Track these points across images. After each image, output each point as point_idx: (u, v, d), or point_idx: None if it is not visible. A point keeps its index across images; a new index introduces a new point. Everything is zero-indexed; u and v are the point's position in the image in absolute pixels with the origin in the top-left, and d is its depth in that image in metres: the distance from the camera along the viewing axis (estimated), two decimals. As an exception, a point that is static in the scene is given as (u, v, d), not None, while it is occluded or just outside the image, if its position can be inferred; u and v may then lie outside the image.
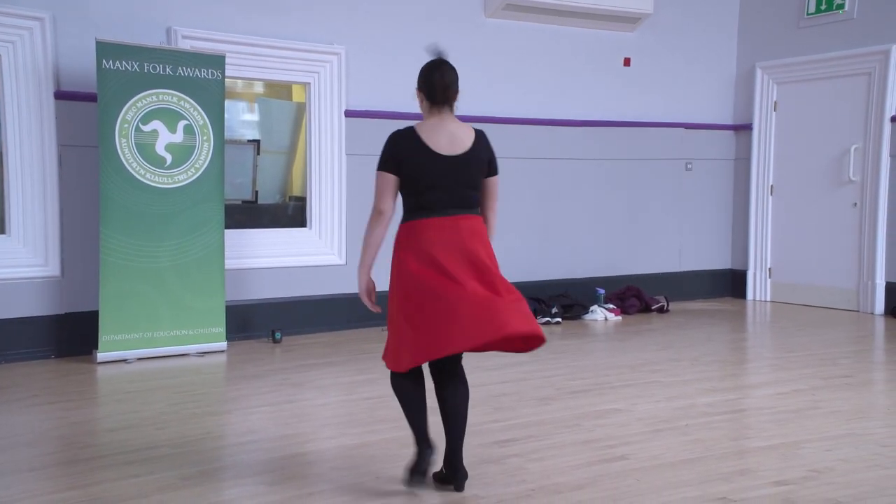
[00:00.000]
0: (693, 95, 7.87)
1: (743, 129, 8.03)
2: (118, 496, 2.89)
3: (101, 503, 2.83)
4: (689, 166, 7.92)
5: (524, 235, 7.14)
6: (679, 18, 7.70)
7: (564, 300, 6.94)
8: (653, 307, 7.24)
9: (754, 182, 7.91)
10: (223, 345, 5.42)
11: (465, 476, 2.96)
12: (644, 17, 7.33)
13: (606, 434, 3.64)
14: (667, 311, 7.26)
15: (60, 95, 5.17)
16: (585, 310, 6.94)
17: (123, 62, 5.00)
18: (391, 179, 2.98)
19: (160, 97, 5.15)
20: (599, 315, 6.88)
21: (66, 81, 5.21)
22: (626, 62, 7.50)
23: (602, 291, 7.13)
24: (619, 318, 6.94)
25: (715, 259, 8.14)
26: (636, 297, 7.26)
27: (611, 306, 7.02)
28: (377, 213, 2.98)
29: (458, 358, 2.98)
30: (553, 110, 7.16)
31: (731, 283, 8.16)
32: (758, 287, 7.94)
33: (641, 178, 7.65)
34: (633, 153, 7.57)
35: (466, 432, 3.01)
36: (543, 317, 6.70)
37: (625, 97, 7.49)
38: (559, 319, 6.71)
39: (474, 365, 5.12)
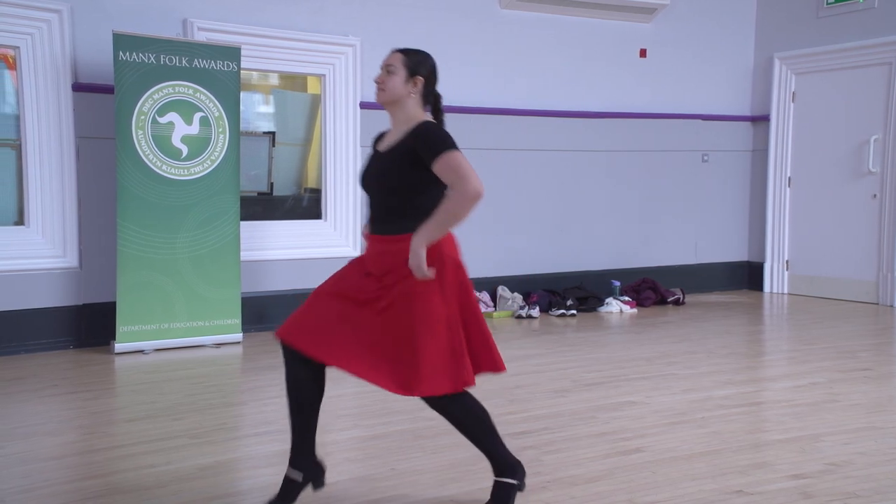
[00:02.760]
0: (710, 86, 7.80)
1: (760, 120, 7.95)
2: (136, 486, 2.91)
3: (120, 493, 2.85)
4: (705, 158, 7.86)
5: (538, 228, 7.13)
6: (696, 9, 7.63)
7: (579, 292, 6.92)
8: (668, 299, 7.21)
9: (772, 174, 7.84)
10: (239, 336, 5.45)
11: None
12: (660, 7, 7.27)
13: (622, 426, 3.63)
14: (683, 303, 7.22)
15: (78, 87, 5.21)
16: (601, 302, 6.92)
17: (140, 54, 5.02)
18: None
19: (176, 89, 5.16)
20: (615, 307, 6.85)
21: (83, 73, 5.23)
22: (643, 53, 7.44)
23: (617, 284, 7.10)
24: (635, 310, 6.91)
25: (732, 251, 8.09)
26: (652, 289, 7.22)
27: (626, 298, 7.00)
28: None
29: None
30: (568, 102, 7.12)
31: (747, 276, 8.10)
32: (775, 279, 7.87)
33: (657, 169, 7.61)
34: (649, 145, 7.53)
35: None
36: (558, 309, 6.68)
37: (641, 88, 7.44)
38: (574, 312, 6.69)
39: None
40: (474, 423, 2.61)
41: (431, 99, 2.68)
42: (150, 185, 5.09)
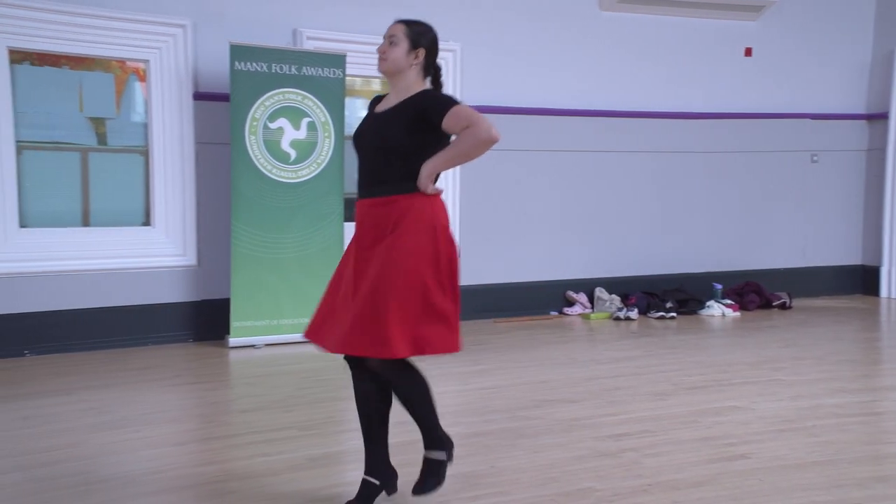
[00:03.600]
0: (821, 84, 7.48)
1: (878, 118, 7.56)
2: (251, 473, 3.06)
3: (236, 479, 3.01)
4: (815, 158, 7.54)
5: (640, 229, 7.04)
6: (807, 3, 7.35)
7: (679, 295, 6.79)
8: (774, 303, 6.97)
9: (890, 174, 7.44)
10: (343, 333, 5.63)
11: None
12: (768, 4, 7.04)
13: (726, 432, 3.55)
14: (789, 307, 6.96)
15: (198, 96, 5.52)
16: (701, 305, 6.77)
17: (253, 63, 5.28)
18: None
19: (286, 96, 5.40)
20: (716, 310, 6.69)
21: (203, 83, 5.55)
22: (748, 52, 7.22)
23: (719, 286, 6.92)
24: (738, 313, 6.72)
25: (843, 254, 7.73)
26: (756, 292, 7.00)
27: (728, 301, 6.81)
28: None
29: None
30: (670, 103, 7.00)
31: (861, 280, 7.72)
32: (893, 284, 7.46)
33: (763, 170, 7.37)
34: (753, 145, 7.30)
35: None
36: (657, 311, 6.58)
37: (745, 88, 7.23)
38: (674, 314, 6.57)
39: (587, 357, 5.13)
40: (416, 395, 2.62)
41: (432, 71, 2.67)
42: (261, 188, 5.35)
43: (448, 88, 6.22)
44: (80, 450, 3.32)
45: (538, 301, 6.68)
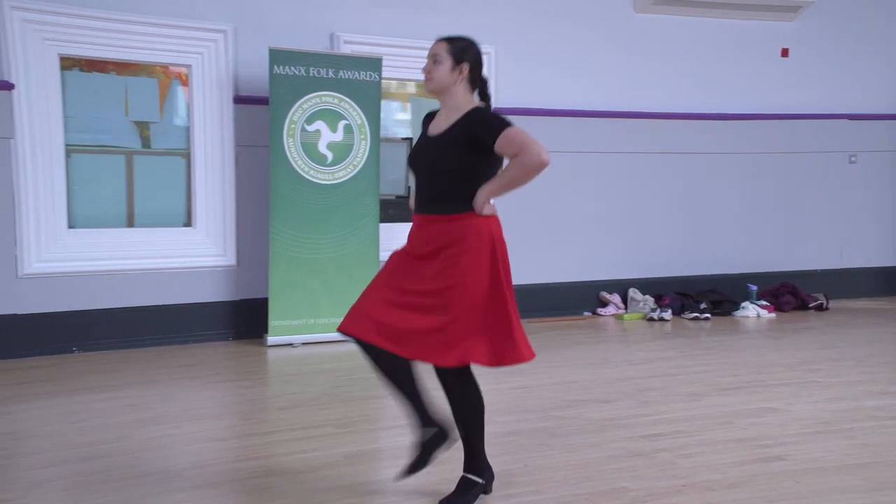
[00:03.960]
0: (859, 84, 7.37)
1: (918, 116, 7.43)
2: (288, 470, 3.14)
3: (275, 475, 3.08)
4: (852, 159, 7.44)
5: (674, 229, 7.01)
6: (846, 3, 7.25)
7: (713, 296, 6.75)
8: (810, 305, 6.89)
9: (930, 173, 7.30)
10: (378, 332, 5.69)
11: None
12: (806, 4, 6.96)
13: (761, 433, 3.55)
14: (826, 309, 6.89)
15: (238, 100, 5.64)
16: (736, 306, 6.72)
17: (292, 67, 5.38)
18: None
19: (323, 99, 5.50)
20: (751, 311, 6.64)
21: (243, 87, 5.66)
22: (784, 53, 7.15)
23: (754, 288, 6.87)
24: (773, 315, 6.66)
25: (883, 256, 7.61)
26: (791, 293, 6.93)
27: (763, 303, 6.75)
28: None
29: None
30: (706, 104, 6.97)
31: (901, 282, 7.60)
32: (933, 286, 7.34)
33: (799, 171, 7.29)
34: (790, 146, 7.23)
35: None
36: (691, 312, 6.56)
37: (782, 89, 7.17)
38: (708, 315, 6.54)
39: (621, 358, 5.14)
40: (471, 409, 2.75)
41: (479, 84, 2.71)
42: (298, 190, 5.45)
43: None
44: (124, 444, 3.42)
45: (571, 301, 6.70)
